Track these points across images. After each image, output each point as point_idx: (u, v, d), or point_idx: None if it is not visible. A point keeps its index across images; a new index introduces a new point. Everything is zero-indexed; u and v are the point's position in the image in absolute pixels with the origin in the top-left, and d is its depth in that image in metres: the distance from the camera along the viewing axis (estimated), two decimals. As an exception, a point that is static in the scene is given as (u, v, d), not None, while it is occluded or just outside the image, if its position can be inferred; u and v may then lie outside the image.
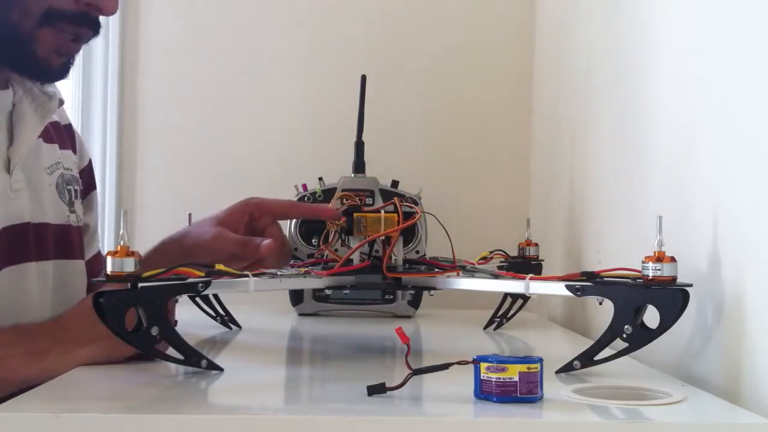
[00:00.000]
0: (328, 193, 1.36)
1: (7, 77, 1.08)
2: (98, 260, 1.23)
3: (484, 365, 0.79)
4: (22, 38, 1.02)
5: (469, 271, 1.16)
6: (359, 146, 1.38)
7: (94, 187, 1.26)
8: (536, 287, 1.00)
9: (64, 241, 1.13)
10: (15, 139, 1.06)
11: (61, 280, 1.11)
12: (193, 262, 0.97)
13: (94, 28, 1.05)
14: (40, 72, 1.06)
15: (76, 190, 1.17)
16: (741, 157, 0.88)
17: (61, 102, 1.14)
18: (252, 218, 1.20)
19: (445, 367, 0.82)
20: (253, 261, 1.14)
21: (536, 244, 1.34)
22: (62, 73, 1.07)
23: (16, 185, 1.06)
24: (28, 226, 1.07)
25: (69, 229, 1.14)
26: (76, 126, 1.32)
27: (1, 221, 1.03)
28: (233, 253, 1.14)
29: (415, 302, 1.50)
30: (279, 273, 1.07)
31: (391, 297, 1.49)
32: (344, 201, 1.19)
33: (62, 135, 1.18)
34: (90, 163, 1.25)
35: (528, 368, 0.79)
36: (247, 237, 1.16)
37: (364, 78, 1.41)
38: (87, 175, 1.24)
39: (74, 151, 1.21)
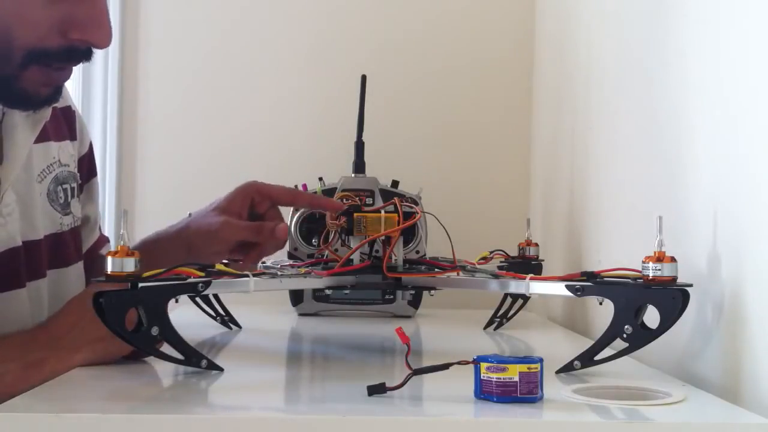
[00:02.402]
0: (328, 193, 1.36)
1: None
2: (98, 246, 1.21)
3: (484, 365, 0.79)
4: (6, 79, 0.96)
5: (469, 271, 1.16)
6: (359, 146, 1.38)
7: (95, 174, 1.22)
8: (536, 287, 1.00)
9: (58, 249, 1.09)
10: (5, 157, 1.01)
11: (56, 292, 1.08)
12: (195, 258, 0.96)
13: (86, 58, 1.00)
14: (31, 103, 1.00)
15: (72, 188, 1.13)
16: (741, 158, 0.88)
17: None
18: (252, 203, 1.18)
19: (445, 367, 0.82)
20: (265, 246, 1.12)
21: (536, 244, 1.34)
22: (53, 98, 1.02)
23: (7, 209, 1.01)
24: (20, 249, 1.03)
25: (62, 235, 1.10)
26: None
27: None
28: (244, 241, 1.12)
29: (415, 302, 1.50)
30: (279, 273, 1.07)
31: (391, 297, 1.49)
32: (344, 201, 1.19)
33: (59, 123, 1.12)
34: (91, 147, 1.20)
35: (528, 368, 0.79)
36: (258, 222, 1.14)
37: (364, 78, 1.41)
38: (87, 162, 1.19)
39: (73, 138, 1.15)
